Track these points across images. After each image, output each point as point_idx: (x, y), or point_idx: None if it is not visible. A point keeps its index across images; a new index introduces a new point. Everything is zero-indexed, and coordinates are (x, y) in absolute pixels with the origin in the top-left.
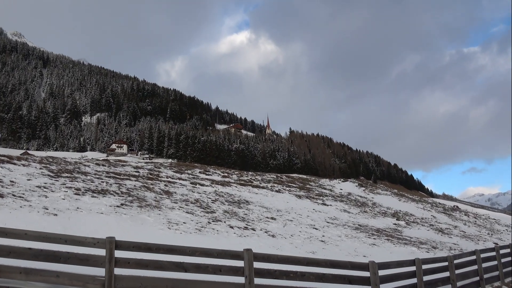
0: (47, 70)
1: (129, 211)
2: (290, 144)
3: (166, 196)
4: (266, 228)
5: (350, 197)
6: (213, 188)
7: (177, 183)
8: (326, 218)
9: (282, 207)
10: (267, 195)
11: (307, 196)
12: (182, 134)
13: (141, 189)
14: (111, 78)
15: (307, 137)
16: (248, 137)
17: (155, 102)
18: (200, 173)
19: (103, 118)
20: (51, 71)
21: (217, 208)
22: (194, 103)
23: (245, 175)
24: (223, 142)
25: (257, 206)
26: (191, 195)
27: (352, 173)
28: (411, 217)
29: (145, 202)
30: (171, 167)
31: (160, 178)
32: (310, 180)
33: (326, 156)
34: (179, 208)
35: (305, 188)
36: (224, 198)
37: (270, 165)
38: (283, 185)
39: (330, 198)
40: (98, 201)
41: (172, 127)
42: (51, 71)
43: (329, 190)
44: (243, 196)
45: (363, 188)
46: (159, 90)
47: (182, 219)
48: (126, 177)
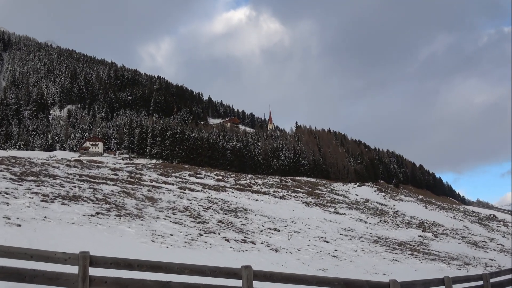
0: (8, 54)
1: (106, 221)
2: (296, 141)
3: (149, 203)
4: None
5: (367, 205)
6: (205, 194)
7: (163, 188)
8: (339, 229)
9: (287, 216)
10: (269, 202)
11: (317, 203)
12: (169, 129)
13: (120, 195)
14: (84, 64)
15: (316, 133)
16: (247, 133)
17: (136, 92)
18: (190, 176)
19: (74, 111)
20: (13, 55)
21: (210, 217)
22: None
23: (243, 178)
24: (217, 139)
25: (258, 215)
26: (179, 202)
27: (370, 176)
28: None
29: (124, 211)
30: (156, 169)
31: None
32: (320, 184)
33: (339, 156)
34: (165, 217)
35: (314, 193)
36: (218, 205)
37: (272, 166)
38: (288, 190)
39: (344, 205)
40: (70, 210)
41: (157, 122)
42: (13, 55)
43: (342, 196)
44: (240, 203)
45: (383, 193)
46: (141, 77)
47: (168, 231)
48: (102, 181)
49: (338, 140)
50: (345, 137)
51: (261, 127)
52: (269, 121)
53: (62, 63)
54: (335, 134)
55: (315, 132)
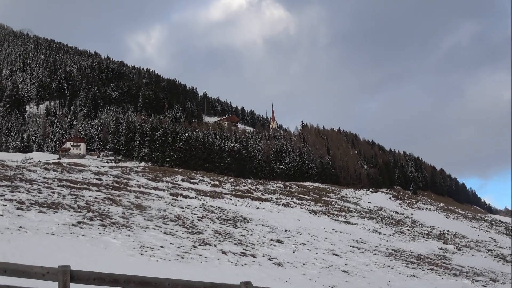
0: None
1: (89, 231)
2: (302, 142)
3: (137, 211)
4: (271, 254)
5: (381, 213)
6: (200, 201)
7: (152, 194)
8: (350, 241)
9: (292, 227)
10: (271, 211)
11: (325, 212)
12: (159, 129)
13: (104, 202)
14: (65, 55)
15: (324, 133)
16: (247, 133)
17: (123, 86)
18: (183, 181)
19: (53, 107)
20: None
21: (205, 227)
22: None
23: (243, 183)
24: (213, 140)
25: (259, 225)
26: (171, 210)
27: (385, 181)
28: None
29: (109, 220)
30: (144, 173)
31: (130, 188)
32: (328, 191)
33: (350, 159)
34: (155, 227)
35: (322, 201)
36: (214, 214)
37: (275, 170)
38: (293, 197)
39: (356, 214)
40: (48, 218)
41: (146, 120)
42: None
43: (354, 204)
44: (240, 211)
45: (399, 201)
46: (129, 70)
47: (159, 242)
48: (85, 187)
49: (349, 140)
50: (357, 138)
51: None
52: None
53: (39, 54)
54: (346, 134)
55: (323, 131)
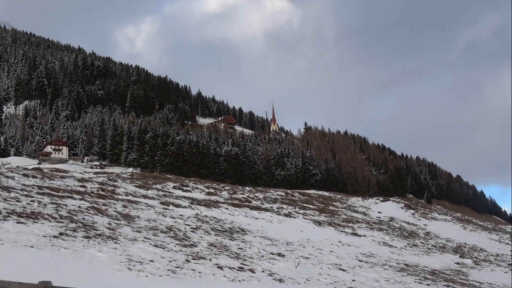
0: None
1: (72, 243)
2: (305, 146)
3: (125, 222)
4: (271, 269)
5: (392, 224)
6: (193, 211)
7: (141, 203)
8: (358, 255)
9: (294, 239)
10: (272, 221)
11: (331, 223)
12: (149, 131)
13: (88, 211)
14: (45, 50)
15: (330, 136)
16: (245, 136)
17: (109, 84)
18: (174, 189)
19: (33, 108)
20: None
21: (199, 239)
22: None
23: (240, 191)
24: (208, 144)
25: (258, 237)
26: (162, 220)
27: (396, 189)
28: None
29: (94, 231)
30: (133, 180)
31: (117, 196)
32: (334, 199)
33: (358, 164)
34: (144, 239)
35: (327, 210)
36: (209, 225)
37: (276, 177)
38: (296, 207)
39: (364, 225)
40: (27, 229)
41: (134, 121)
42: None
43: (362, 214)
44: (237, 222)
45: (412, 210)
46: (116, 67)
47: (148, 256)
48: (67, 195)
49: (356, 144)
50: (366, 141)
51: (262, 129)
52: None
53: (18, 49)
54: (353, 137)
55: (328, 134)
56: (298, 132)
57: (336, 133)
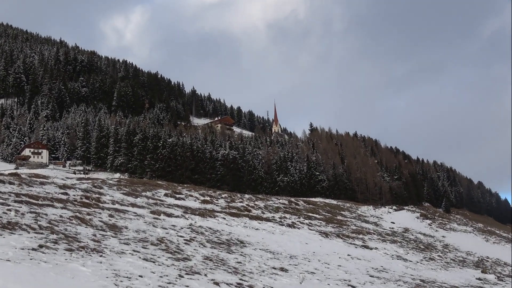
0: None
1: (53, 256)
2: (311, 149)
3: (111, 233)
4: (273, 285)
5: (407, 236)
6: (187, 221)
7: (130, 212)
8: (369, 269)
9: (298, 252)
10: (273, 232)
11: (339, 234)
12: (138, 132)
13: (71, 221)
14: (24, 43)
15: (338, 138)
16: (244, 138)
17: (94, 81)
18: (166, 196)
19: (10, 107)
20: None
21: (193, 252)
22: (157, 83)
23: (239, 199)
24: (204, 146)
25: (258, 250)
26: (152, 231)
27: (411, 197)
28: (506, 268)
29: (77, 243)
30: (120, 187)
31: (102, 204)
32: (343, 208)
33: (368, 170)
34: (133, 252)
35: (335, 220)
36: (205, 236)
37: (278, 183)
38: (300, 216)
39: (376, 237)
40: (3, 241)
41: (122, 122)
42: None
43: (373, 224)
44: (235, 233)
45: (429, 220)
46: (101, 62)
47: (137, 271)
48: (48, 203)
49: (367, 147)
50: (377, 144)
51: (263, 130)
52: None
53: None
54: (364, 140)
55: (336, 136)
56: (303, 134)
57: (345, 135)
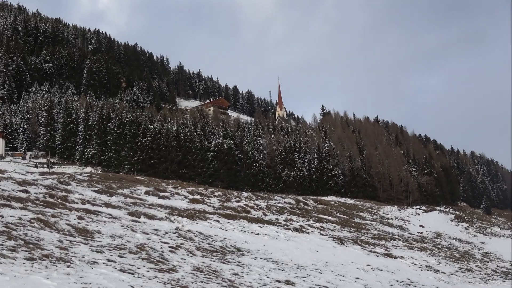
0: None
1: (10, 267)
2: (322, 138)
3: (81, 238)
4: None
5: (439, 242)
6: (172, 224)
7: (103, 213)
8: (393, 283)
9: (308, 261)
10: (277, 238)
11: (356, 240)
12: (113, 117)
13: (33, 225)
14: None
15: (356, 124)
16: (242, 125)
17: (59, 55)
18: (147, 195)
19: None
20: None
21: (180, 262)
22: (136, 58)
23: (236, 197)
24: (193, 134)
25: (259, 259)
26: (130, 237)
27: (444, 195)
28: None
29: (40, 251)
30: (92, 183)
31: (70, 204)
32: (361, 209)
33: (393, 162)
34: (107, 262)
35: (351, 224)
36: (194, 243)
37: (283, 178)
38: (309, 218)
39: (401, 243)
40: None
41: (93, 105)
42: None
43: (398, 228)
44: (231, 238)
45: (465, 224)
46: (68, 32)
47: (112, 284)
48: (4, 202)
49: (391, 135)
50: (403, 131)
51: (264, 115)
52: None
53: None
54: (387, 126)
55: (353, 122)
56: (313, 119)
57: (364, 120)
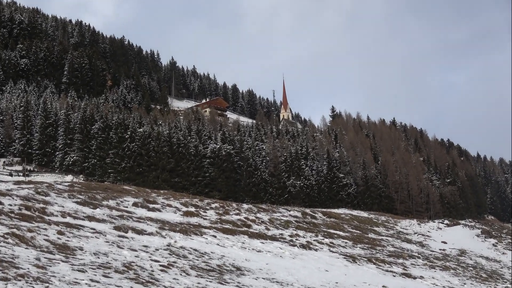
0: None
1: None
2: (332, 143)
3: (61, 256)
4: None
5: (464, 260)
6: (164, 240)
7: (86, 228)
8: None
9: (316, 282)
10: (282, 255)
11: (371, 258)
12: (97, 120)
13: (6, 240)
14: None
15: (370, 127)
16: (242, 128)
17: (37, 50)
18: (136, 207)
19: None
20: None
21: (173, 283)
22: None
23: (235, 210)
24: (187, 139)
25: (261, 280)
26: (117, 254)
27: (469, 208)
28: None
29: (15, 270)
30: (73, 193)
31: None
32: (376, 223)
33: (411, 170)
34: (90, 283)
35: (365, 239)
36: (188, 261)
37: (288, 188)
38: (318, 234)
39: (421, 261)
40: None
41: (75, 106)
42: None
43: (418, 245)
44: (230, 256)
45: (493, 240)
46: (47, 23)
47: None
48: None
49: (410, 140)
50: (424, 135)
51: (267, 117)
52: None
53: None
54: (405, 130)
55: (367, 125)
56: (322, 122)
57: (379, 123)
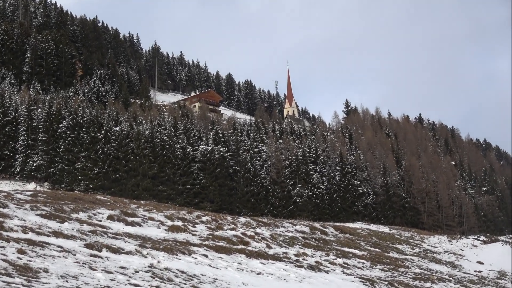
0: None
1: None
2: (347, 144)
3: (22, 279)
4: None
5: (504, 284)
6: (145, 260)
7: (52, 245)
8: None
9: None
10: (286, 278)
11: (392, 282)
12: (65, 117)
13: None
14: None
15: (391, 125)
16: (238, 126)
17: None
18: (111, 220)
19: None
20: None
21: None
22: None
23: (230, 224)
24: (173, 139)
25: None
26: (88, 276)
27: (510, 221)
28: None
29: None
30: (36, 204)
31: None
32: (399, 239)
33: (441, 177)
34: None
35: (385, 259)
36: (174, 285)
37: (294, 198)
38: (329, 252)
39: (453, 285)
40: None
41: (39, 100)
42: None
43: (449, 265)
44: (224, 280)
45: None
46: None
47: None
48: None
49: (439, 141)
50: (455, 135)
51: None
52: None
53: None
54: (433, 129)
55: (388, 123)
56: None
57: (402, 120)
